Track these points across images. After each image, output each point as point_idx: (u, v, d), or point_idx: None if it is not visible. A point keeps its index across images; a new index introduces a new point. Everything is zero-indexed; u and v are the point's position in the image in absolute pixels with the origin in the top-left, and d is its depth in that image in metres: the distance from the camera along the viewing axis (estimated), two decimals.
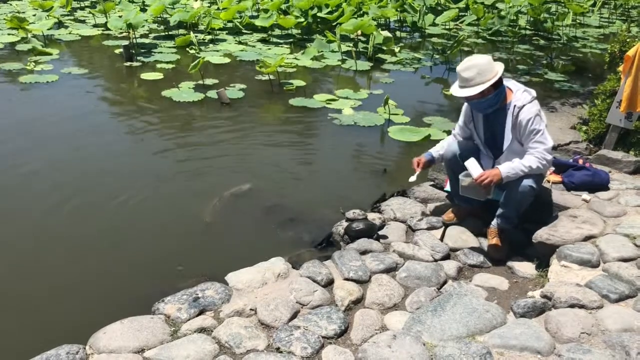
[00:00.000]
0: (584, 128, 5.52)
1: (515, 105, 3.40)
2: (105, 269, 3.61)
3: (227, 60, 9.05)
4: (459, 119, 3.86)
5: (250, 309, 2.91)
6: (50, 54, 8.83)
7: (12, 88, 7.18)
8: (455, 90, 3.46)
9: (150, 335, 2.66)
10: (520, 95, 3.43)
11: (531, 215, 3.65)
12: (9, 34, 9.92)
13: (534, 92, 3.46)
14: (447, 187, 4.24)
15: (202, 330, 2.75)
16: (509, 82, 3.53)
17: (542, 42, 12.05)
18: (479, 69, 3.32)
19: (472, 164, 3.45)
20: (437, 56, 9.90)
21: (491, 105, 3.47)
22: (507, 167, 3.37)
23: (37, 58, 8.51)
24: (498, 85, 3.40)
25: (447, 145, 3.83)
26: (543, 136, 3.36)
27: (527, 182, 3.36)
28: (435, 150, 3.93)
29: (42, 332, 3.00)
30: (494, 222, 3.63)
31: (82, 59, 8.96)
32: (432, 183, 4.51)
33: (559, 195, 3.86)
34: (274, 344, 2.64)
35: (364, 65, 9.22)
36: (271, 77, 7.96)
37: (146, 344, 2.61)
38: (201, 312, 2.90)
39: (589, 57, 10.91)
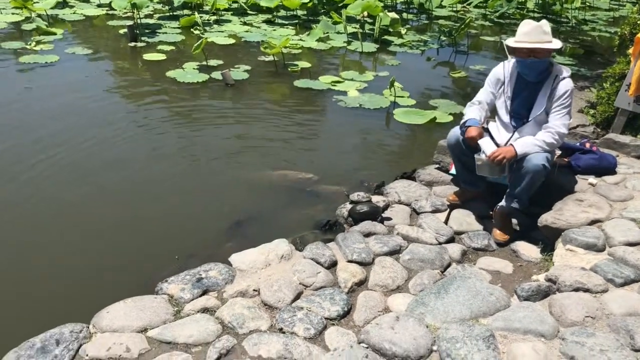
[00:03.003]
0: (592, 112, 5.46)
1: (557, 76, 3.44)
2: (109, 249, 3.61)
3: (231, 41, 8.98)
4: (485, 84, 3.75)
5: (254, 290, 2.91)
6: (55, 34, 8.78)
7: (10, 68, 7.13)
8: (531, 44, 3.36)
9: (154, 315, 2.66)
10: (561, 68, 3.49)
11: (538, 199, 3.62)
12: (13, 13, 9.88)
13: (570, 71, 3.53)
14: (452, 171, 4.21)
15: (205, 310, 2.75)
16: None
17: (550, 25, 11.90)
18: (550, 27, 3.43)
19: (486, 142, 3.44)
20: (443, 38, 9.79)
21: (544, 70, 3.47)
22: (521, 143, 3.37)
23: (40, 38, 8.46)
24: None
25: (467, 118, 3.63)
26: (568, 111, 3.43)
27: (539, 161, 3.31)
28: (470, 118, 3.62)
29: (45, 311, 3.00)
30: (502, 203, 3.60)
31: (86, 39, 8.91)
32: (437, 166, 4.47)
33: (565, 179, 3.82)
34: (277, 324, 2.64)
35: (370, 47, 9.14)
36: (276, 58, 7.91)
37: (149, 323, 2.61)
38: (204, 293, 2.90)
39: (598, 40, 10.78)
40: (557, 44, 3.41)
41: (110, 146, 5.04)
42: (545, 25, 3.41)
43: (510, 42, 3.48)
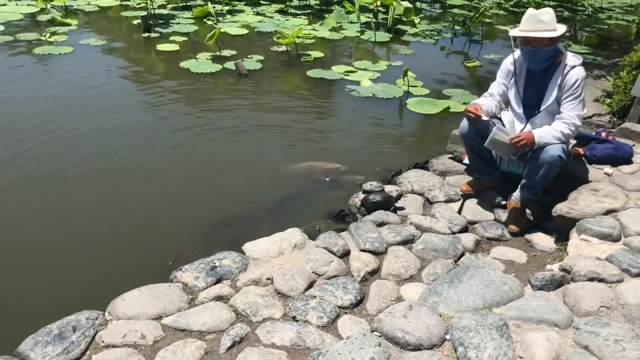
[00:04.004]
0: (608, 101, 5.39)
1: (567, 64, 3.40)
2: (123, 237, 3.65)
3: (244, 31, 8.98)
4: (497, 76, 3.75)
5: (267, 279, 2.93)
6: (69, 25, 8.83)
7: (25, 59, 7.16)
8: (524, 32, 3.36)
9: (168, 303, 2.69)
10: (571, 56, 3.45)
11: (552, 189, 3.59)
12: (28, 5, 9.94)
13: (581, 59, 3.48)
14: (466, 160, 4.19)
15: (219, 298, 2.77)
16: (558, 45, 3.49)
17: (566, 13, 11.75)
18: (553, 16, 3.34)
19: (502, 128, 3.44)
20: (457, 28, 9.71)
21: (547, 59, 3.43)
22: (539, 132, 3.35)
23: (55, 29, 8.51)
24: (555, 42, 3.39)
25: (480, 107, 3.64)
26: (580, 100, 3.38)
27: (556, 152, 3.30)
28: (473, 102, 3.75)
29: (62, 298, 3.04)
30: (516, 193, 3.58)
31: (100, 30, 8.95)
32: (450, 156, 4.45)
33: (580, 169, 3.79)
34: (290, 313, 2.66)
35: (383, 36, 9.09)
36: (289, 48, 7.89)
37: (164, 311, 2.64)
38: (218, 281, 2.92)
39: (615, 28, 10.62)
40: (555, 32, 3.31)
41: (122, 135, 5.07)
42: (545, 13, 3.32)
43: (512, 30, 3.48)
